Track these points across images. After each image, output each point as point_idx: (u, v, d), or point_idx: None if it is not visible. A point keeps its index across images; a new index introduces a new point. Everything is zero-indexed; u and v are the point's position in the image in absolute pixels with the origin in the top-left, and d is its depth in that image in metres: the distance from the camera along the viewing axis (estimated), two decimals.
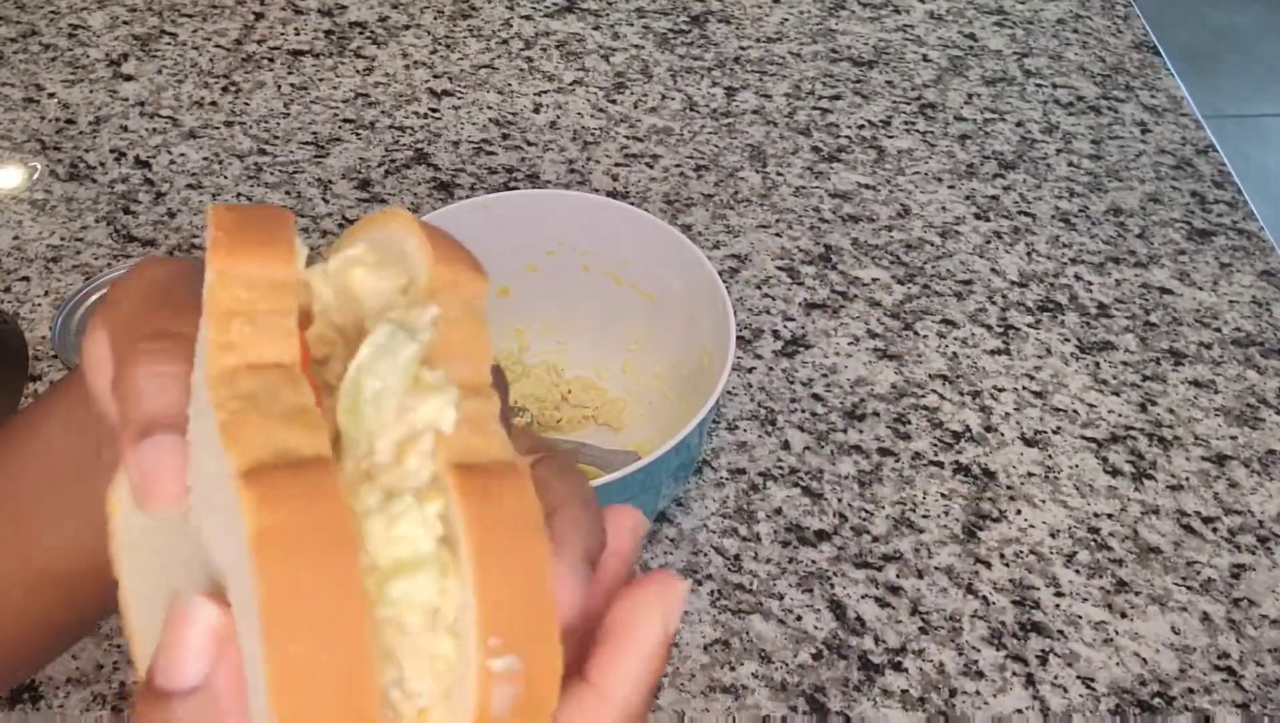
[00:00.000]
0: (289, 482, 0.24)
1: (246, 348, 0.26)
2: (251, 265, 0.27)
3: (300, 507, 0.24)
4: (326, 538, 0.23)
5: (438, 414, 0.26)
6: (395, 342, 0.26)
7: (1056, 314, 0.76)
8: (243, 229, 0.28)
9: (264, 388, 0.25)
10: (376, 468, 0.26)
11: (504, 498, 0.25)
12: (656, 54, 0.94)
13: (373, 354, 0.26)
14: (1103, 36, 0.99)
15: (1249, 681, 0.58)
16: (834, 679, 0.57)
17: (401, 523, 0.25)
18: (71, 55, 0.91)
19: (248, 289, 0.27)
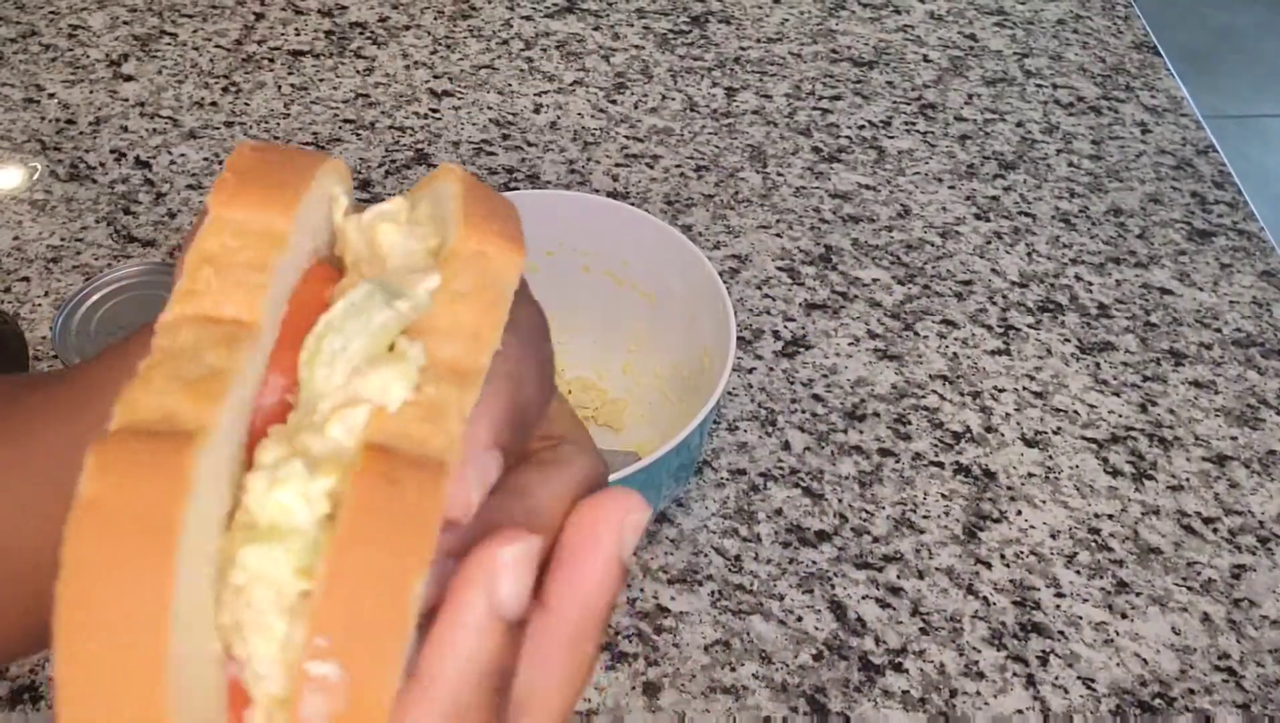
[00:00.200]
0: (135, 450, 0.21)
1: (207, 298, 0.24)
2: (248, 211, 0.25)
3: (130, 480, 0.21)
4: (147, 519, 0.21)
5: (384, 388, 0.24)
6: (370, 303, 0.25)
7: (1057, 315, 0.76)
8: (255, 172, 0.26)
9: (196, 344, 0.24)
10: (305, 428, 0.24)
11: (405, 494, 0.23)
12: (657, 54, 0.94)
13: (343, 312, 0.25)
14: (1103, 37, 0.99)
15: (1249, 681, 0.58)
16: (834, 680, 0.57)
17: (282, 488, 0.23)
18: (72, 55, 0.91)
19: (235, 236, 0.25)
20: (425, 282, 0.25)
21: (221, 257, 0.25)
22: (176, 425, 0.22)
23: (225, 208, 0.25)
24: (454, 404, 0.24)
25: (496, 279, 0.26)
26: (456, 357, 0.25)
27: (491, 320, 0.26)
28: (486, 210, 0.27)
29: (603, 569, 0.27)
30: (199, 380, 0.23)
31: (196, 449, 0.22)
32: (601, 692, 0.56)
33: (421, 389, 0.24)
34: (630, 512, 0.27)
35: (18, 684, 0.56)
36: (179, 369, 0.23)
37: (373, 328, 0.24)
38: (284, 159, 0.27)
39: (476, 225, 0.26)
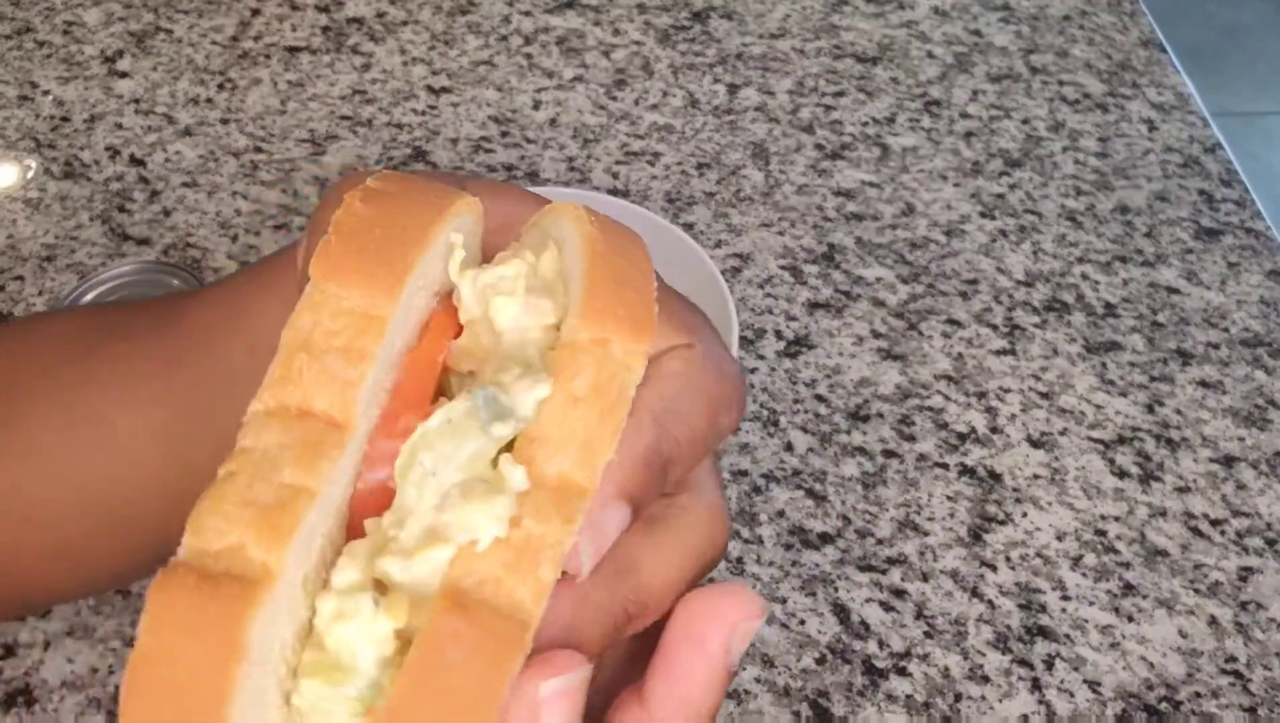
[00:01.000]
0: (192, 605, 0.21)
1: (300, 389, 0.23)
2: (349, 288, 0.23)
3: (185, 639, 0.21)
4: (200, 686, 0.20)
5: (473, 526, 0.22)
6: (468, 424, 0.23)
7: (1063, 314, 0.75)
8: (363, 235, 0.24)
9: (279, 451, 0.22)
10: (389, 545, 0.23)
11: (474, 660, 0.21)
12: (658, 50, 0.93)
13: (439, 428, 0.23)
14: (1109, 33, 0.98)
15: (1256, 684, 0.58)
16: (838, 684, 0.57)
17: (347, 624, 0.22)
18: (66, 52, 0.90)
19: (334, 317, 0.23)
20: (534, 391, 0.23)
21: (317, 341, 0.23)
22: (241, 565, 0.21)
23: (326, 279, 0.24)
24: (551, 542, 0.23)
25: (616, 376, 0.24)
26: (565, 472, 0.23)
27: (609, 427, 0.24)
28: (613, 283, 0.25)
29: (706, 675, 0.25)
30: (271, 509, 0.22)
31: (254, 610, 0.21)
32: None
33: (519, 523, 0.22)
34: (745, 618, 0.25)
35: (12, 687, 0.55)
36: (254, 488, 0.22)
37: (467, 453, 0.23)
38: (399, 213, 0.25)
39: (599, 310, 0.24)
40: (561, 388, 0.24)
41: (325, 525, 0.23)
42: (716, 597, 0.25)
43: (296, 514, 0.22)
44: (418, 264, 0.24)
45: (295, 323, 0.24)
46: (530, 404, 0.23)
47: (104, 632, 0.57)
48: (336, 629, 0.22)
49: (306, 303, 0.24)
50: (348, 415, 0.23)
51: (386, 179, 0.26)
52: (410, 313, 0.25)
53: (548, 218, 0.27)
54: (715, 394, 0.27)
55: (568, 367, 0.24)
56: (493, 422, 0.23)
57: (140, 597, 0.58)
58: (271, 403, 0.23)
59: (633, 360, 0.24)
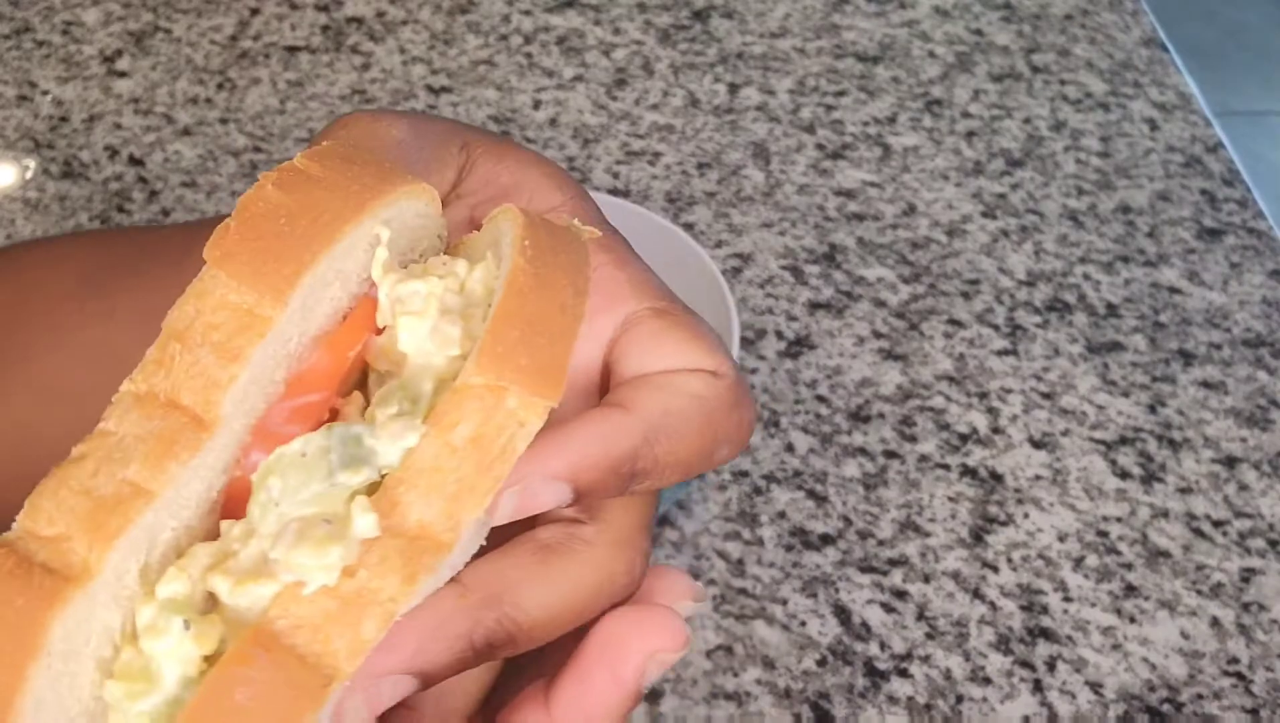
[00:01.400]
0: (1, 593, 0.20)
1: (170, 377, 0.22)
2: (240, 282, 0.22)
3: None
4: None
5: (304, 572, 0.21)
6: (319, 463, 0.22)
7: (1065, 314, 0.75)
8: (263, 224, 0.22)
9: (133, 442, 0.22)
10: (228, 565, 0.22)
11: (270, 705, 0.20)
12: (658, 50, 0.93)
13: (291, 458, 0.22)
14: (1111, 32, 0.98)
15: (1259, 686, 0.58)
16: (839, 686, 0.57)
17: (157, 639, 0.21)
18: (65, 52, 0.90)
19: (216, 309, 0.22)
20: (403, 439, 0.22)
21: (195, 331, 0.22)
22: (62, 558, 0.21)
23: (218, 266, 0.22)
24: (383, 599, 0.21)
25: (504, 428, 0.22)
26: (426, 522, 0.22)
27: (485, 482, 0.22)
28: (524, 326, 0.22)
29: (616, 698, 0.24)
30: (104, 505, 0.21)
31: (60, 609, 0.20)
32: None
33: (354, 573, 0.21)
34: (666, 649, 0.24)
35: None
36: (97, 477, 0.21)
37: (311, 491, 0.22)
38: (314, 204, 0.23)
39: (499, 356, 0.22)
40: (439, 435, 0.22)
41: (177, 520, 0.22)
42: (640, 621, 0.25)
43: (128, 516, 0.21)
44: (316, 265, 0.23)
45: (180, 306, 0.23)
46: (396, 452, 0.22)
47: None
48: (147, 641, 0.22)
49: (195, 288, 0.23)
50: (212, 415, 0.22)
51: (321, 157, 0.24)
52: (316, 306, 0.24)
53: (502, 219, 0.26)
54: (722, 429, 0.26)
55: (451, 412, 0.22)
56: (343, 468, 0.22)
57: None
58: (143, 387, 0.22)
59: (528, 414, 0.22)
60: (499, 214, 0.26)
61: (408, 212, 0.25)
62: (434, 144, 0.30)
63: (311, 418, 0.24)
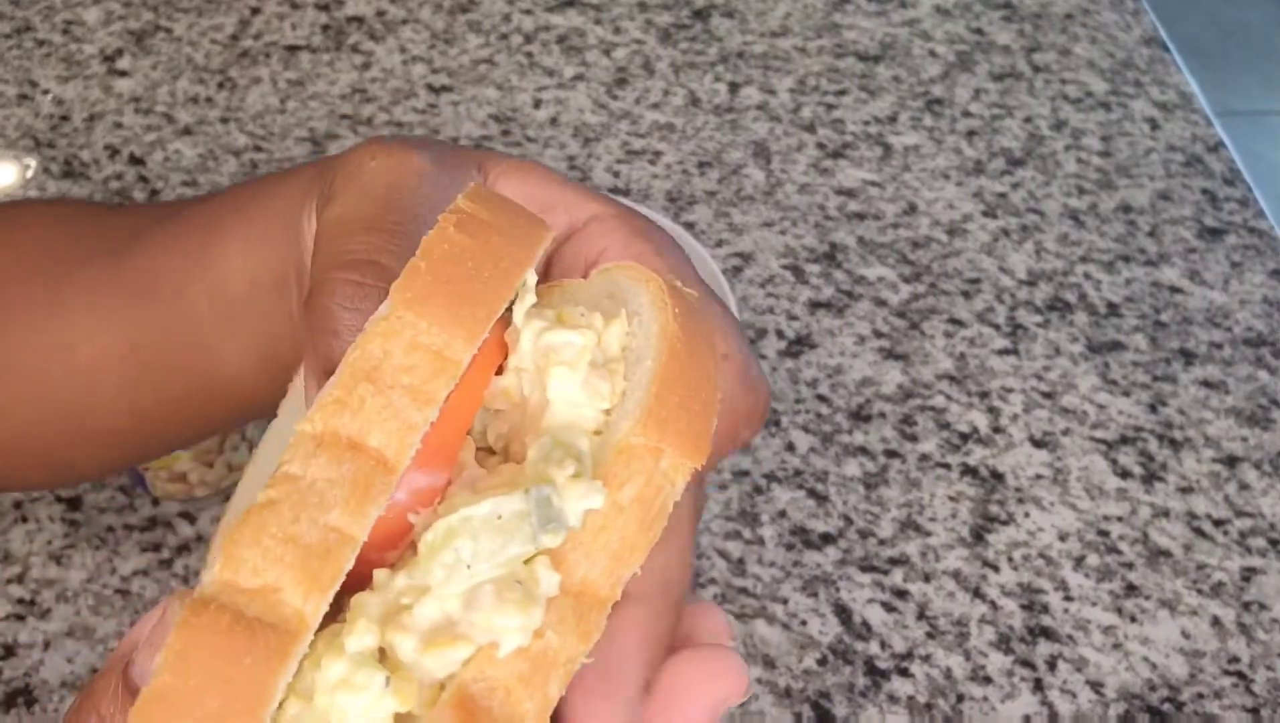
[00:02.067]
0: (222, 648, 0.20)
1: (358, 420, 0.22)
2: (430, 325, 0.22)
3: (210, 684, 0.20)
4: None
5: (502, 633, 0.21)
6: (518, 526, 0.22)
7: (1065, 313, 0.75)
8: (453, 268, 0.22)
9: (326, 486, 0.21)
10: (404, 621, 0.22)
11: None
12: (659, 49, 0.93)
13: (484, 521, 0.22)
14: (1112, 31, 0.98)
15: (1259, 685, 0.58)
16: (839, 685, 0.57)
17: (354, 696, 0.21)
18: (66, 51, 0.90)
19: (407, 352, 0.22)
20: (587, 499, 0.22)
21: (385, 373, 0.22)
22: (275, 611, 0.20)
23: (407, 307, 0.22)
24: (564, 659, 0.22)
25: (662, 489, 0.23)
26: (591, 579, 0.22)
27: (644, 540, 0.23)
28: (683, 393, 0.23)
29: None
30: (314, 554, 0.21)
31: (288, 663, 0.20)
32: None
33: (541, 634, 0.22)
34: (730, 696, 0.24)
35: (12, 687, 0.55)
36: (298, 524, 0.21)
37: (508, 556, 0.22)
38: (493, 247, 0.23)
39: (662, 421, 0.23)
40: (609, 495, 0.23)
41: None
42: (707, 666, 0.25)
43: (340, 564, 0.21)
44: (502, 307, 0.23)
45: (365, 347, 0.22)
46: (579, 512, 0.23)
47: (104, 632, 0.57)
48: (339, 696, 0.21)
49: (380, 329, 0.22)
50: (400, 458, 0.22)
51: (478, 201, 0.24)
52: None
53: (624, 276, 0.26)
54: (742, 409, 0.27)
55: (619, 473, 0.23)
56: (543, 531, 0.22)
57: (140, 597, 0.58)
58: (322, 427, 0.22)
59: (678, 475, 0.23)
60: (619, 271, 0.26)
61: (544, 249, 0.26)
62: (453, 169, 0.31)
63: (450, 460, 0.24)
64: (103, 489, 0.62)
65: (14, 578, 0.59)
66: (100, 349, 0.39)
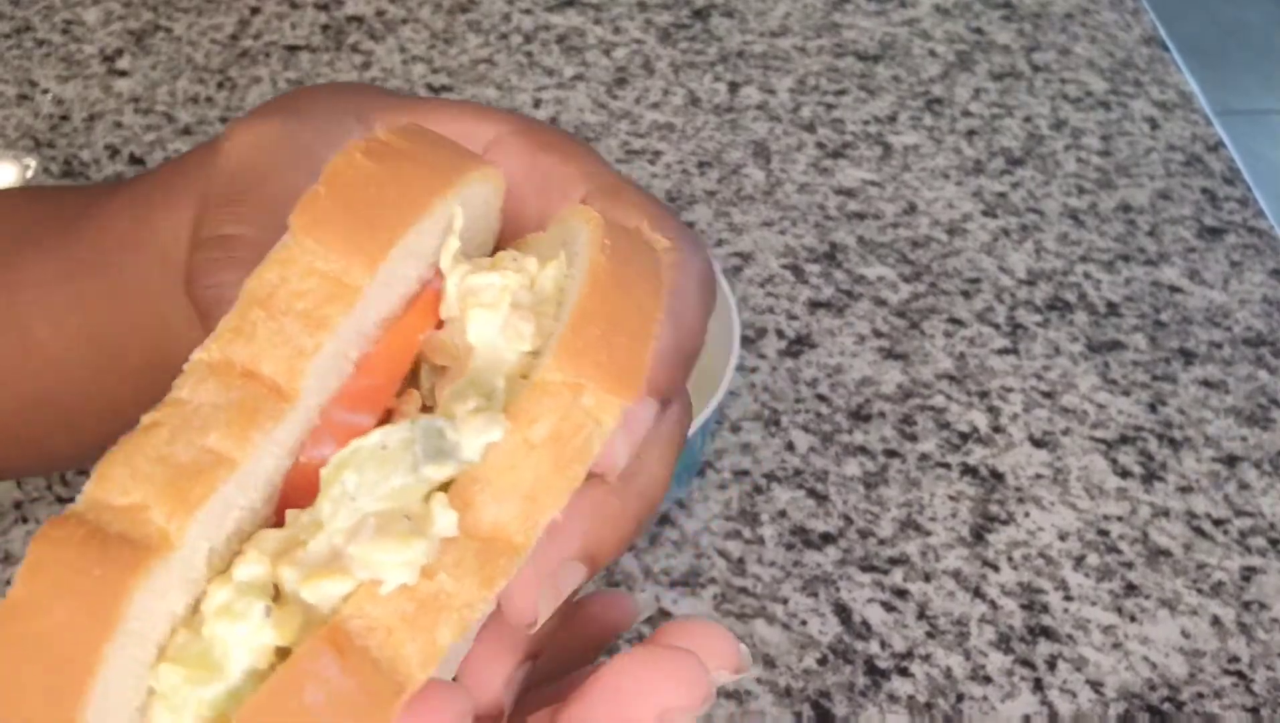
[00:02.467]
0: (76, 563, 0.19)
1: (251, 346, 0.21)
2: (329, 250, 0.21)
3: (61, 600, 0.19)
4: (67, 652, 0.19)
5: (383, 569, 0.20)
6: (401, 456, 0.21)
7: (1065, 313, 0.75)
8: (356, 192, 0.22)
9: (211, 410, 0.21)
10: (297, 556, 0.21)
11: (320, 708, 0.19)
12: (658, 48, 0.93)
13: (370, 452, 0.21)
14: (1111, 31, 0.98)
15: (1259, 684, 0.58)
16: (839, 685, 0.57)
17: (233, 624, 0.20)
18: (65, 51, 0.90)
19: (303, 276, 0.21)
20: (486, 433, 0.21)
21: (279, 298, 0.21)
22: (139, 529, 0.20)
23: (305, 233, 0.22)
24: (460, 604, 0.20)
25: (582, 427, 0.22)
26: (501, 523, 0.21)
27: (561, 482, 0.21)
28: (605, 324, 0.22)
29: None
30: (185, 473, 0.20)
31: (141, 580, 0.19)
32: None
33: (432, 574, 0.20)
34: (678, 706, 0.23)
35: None
36: (173, 445, 0.20)
37: (392, 486, 0.21)
38: (402, 173, 0.22)
39: (578, 352, 0.22)
40: (517, 432, 0.22)
41: (247, 498, 0.22)
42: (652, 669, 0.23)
43: (211, 484, 0.20)
44: (408, 236, 0.22)
45: (261, 275, 0.22)
46: (478, 447, 0.22)
47: None
48: (220, 624, 0.21)
49: (278, 255, 0.22)
50: (293, 385, 0.21)
51: (399, 133, 0.23)
52: (394, 283, 0.23)
53: (572, 219, 0.25)
54: (702, 272, 0.26)
55: (529, 409, 0.22)
56: (428, 461, 0.21)
57: None
58: (217, 355, 0.21)
59: (604, 414, 0.22)
60: (569, 215, 0.26)
61: (478, 196, 0.25)
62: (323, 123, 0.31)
63: (377, 406, 0.23)
64: None
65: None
66: (55, 326, 0.39)
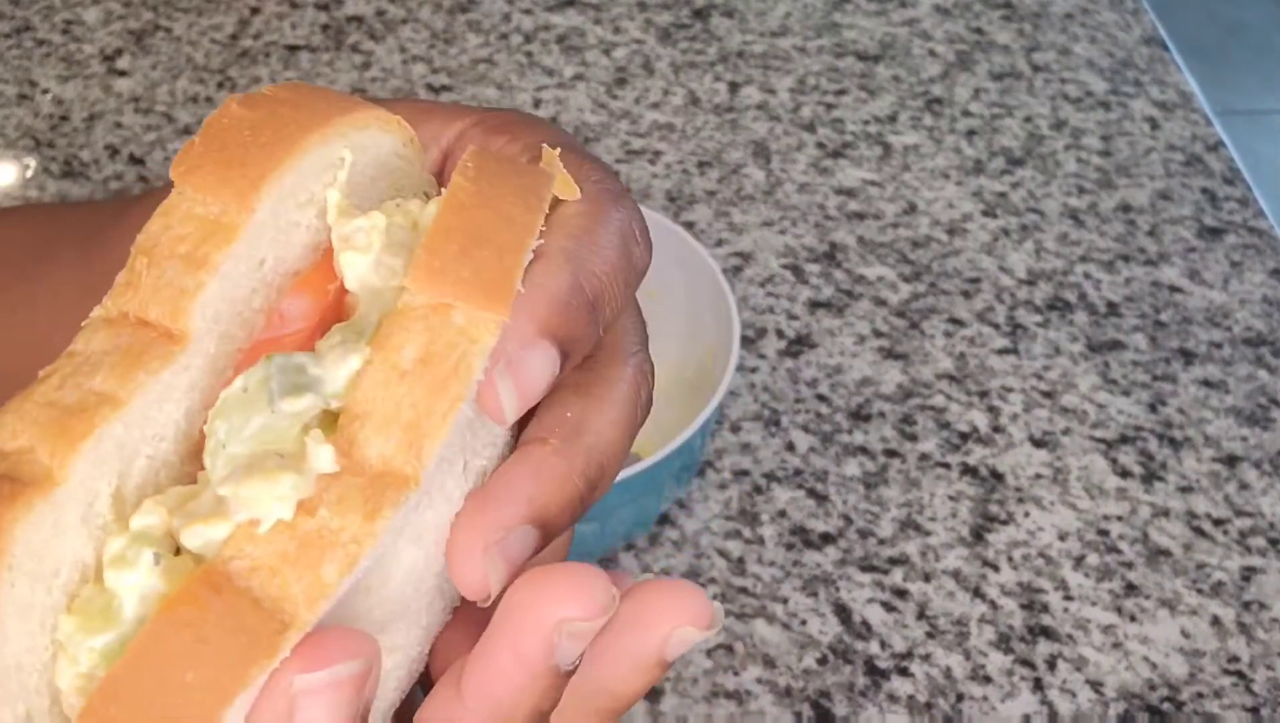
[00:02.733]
0: None
1: (139, 295, 0.21)
2: (205, 194, 0.22)
3: None
4: None
5: (258, 506, 0.20)
6: (259, 396, 0.21)
7: (1065, 313, 0.75)
8: (230, 137, 0.22)
9: (100, 356, 0.21)
10: (190, 508, 0.21)
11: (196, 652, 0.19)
12: (658, 48, 0.93)
13: (234, 399, 0.21)
14: (1111, 31, 0.98)
15: (1259, 684, 0.58)
16: (839, 685, 0.57)
17: (123, 573, 0.20)
18: (65, 51, 0.90)
19: (184, 221, 0.22)
20: (345, 362, 0.21)
21: (163, 246, 0.21)
22: (26, 469, 0.20)
23: (184, 181, 0.22)
24: (345, 541, 0.20)
25: (455, 346, 0.21)
26: (387, 456, 0.20)
27: (441, 405, 0.21)
28: (465, 240, 0.21)
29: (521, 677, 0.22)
30: (68, 413, 0.20)
31: (20, 514, 0.19)
32: None
33: (314, 511, 0.20)
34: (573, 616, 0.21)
35: None
36: (61, 390, 0.20)
37: (254, 426, 0.21)
38: (278, 119, 0.22)
39: (436, 271, 0.21)
40: (384, 359, 0.21)
41: (153, 446, 0.22)
42: (542, 585, 0.22)
43: (93, 422, 0.20)
44: (281, 170, 0.22)
45: (147, 227, 0.22)
46: (340, 378, 0.21)
47: None
48: (112, 573, 0.21)
49: (161, 207, 0.22)
50: (182, 326, 0.21)
51: (290, 88, 0.24)
52: (283, 227, 0.23)
53: None
54: (622, 223, 0.25)
55: (395, 334, 0.21)
56: (284, 395, 0.21)
57: None
58: (113, 310, 0.22)
59: (479, 331, 0.21)
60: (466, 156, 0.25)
61: (383, 146, 0.25)
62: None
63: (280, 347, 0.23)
64: None
65: None
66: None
